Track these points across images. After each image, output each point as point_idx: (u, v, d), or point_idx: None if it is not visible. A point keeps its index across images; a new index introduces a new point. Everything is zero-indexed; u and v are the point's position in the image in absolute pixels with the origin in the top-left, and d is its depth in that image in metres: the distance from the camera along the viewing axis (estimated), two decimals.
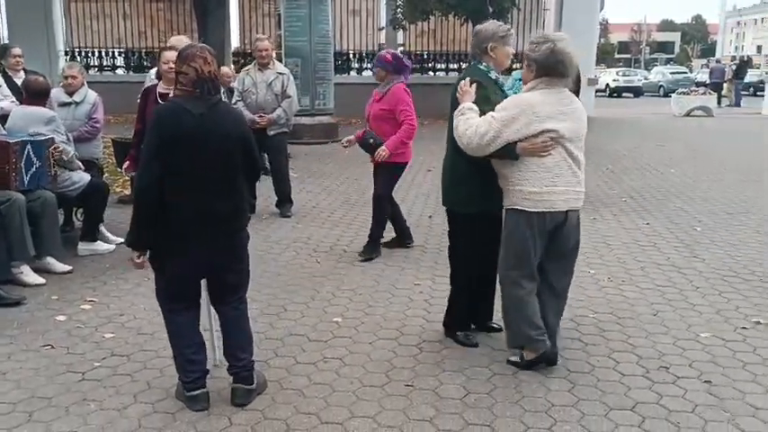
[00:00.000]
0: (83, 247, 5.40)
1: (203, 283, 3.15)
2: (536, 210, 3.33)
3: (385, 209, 5.52)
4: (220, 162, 2.93)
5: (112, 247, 5.53)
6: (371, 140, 5.24)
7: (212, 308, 3.29)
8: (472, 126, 3.34)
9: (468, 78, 3.59)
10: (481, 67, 3.64)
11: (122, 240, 5.62)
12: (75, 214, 5.85)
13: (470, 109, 3.43)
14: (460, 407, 3.14)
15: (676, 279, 4.93)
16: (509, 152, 3.32)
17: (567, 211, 3.36)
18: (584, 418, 3.04)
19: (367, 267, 5.21)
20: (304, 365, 3.55)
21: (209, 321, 3.40)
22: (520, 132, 3.27)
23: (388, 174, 5.44)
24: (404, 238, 5.74)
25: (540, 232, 3.37)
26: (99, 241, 5.51)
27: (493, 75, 3.62)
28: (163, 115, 2.94)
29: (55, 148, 5.02)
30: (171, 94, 4.88)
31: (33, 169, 4.85)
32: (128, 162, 5.46)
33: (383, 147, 5.19)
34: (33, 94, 5.19)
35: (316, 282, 4.89)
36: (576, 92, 3.71)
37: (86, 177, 5.35)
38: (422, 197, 7.76)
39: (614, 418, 3.04)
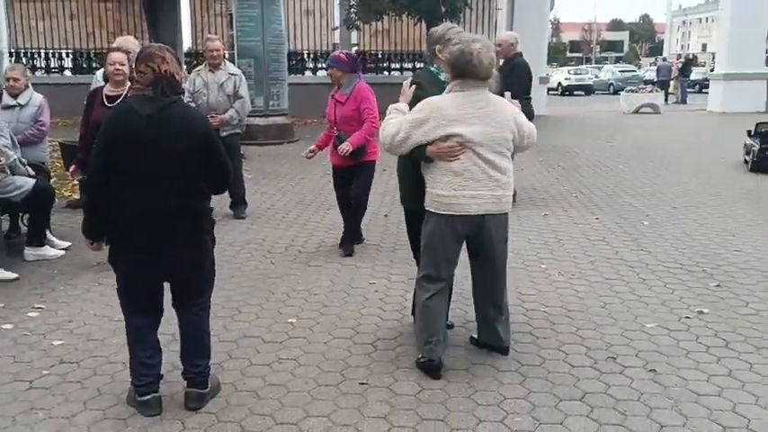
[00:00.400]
0: (29, 252, 5.27)
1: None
2: (445, 213, 3.33)
3: (365, 204, 5.69)
4: (172, 163, 2.87)
5: (61, 252, 5.42)
6: (342, 144, 5.27)
7: None
8: (389, 126, 3.38)
9: (409, 79, 3.65)
10: (432, 68, 3.67)
11: (70, 244, 5.55)
12: (21, 220, 5.70)
13: (396, 109, 3.48)
14: (414, 403, 3.18)
15: (624, 272, 5.06)
16: (421, 154, 3.35)
17: (484, 215, 3.33)
18: (535, 409, 3.11)
19: (322, 268, 5.21)
20: (259, 367, 3.54)
21: None
22: (428, 135, 3.28)
23: (365, 173, 5.51)
24: (356, 238, 5.80)
25: (451, 236, 3.37)
26: (47, 246, 5.38)
27: (442, 76, 3.57)
28: (112, 116, 2.95)
29: None
30: (122, 96, 4.85)
31: None
32: (74, 166, 5.34)
33: (347, 141, 5.21)
34: None
35: (270, 283, 4.87)
36: (519, 91, 3.76)
37: (30, 182, 5.21)
38: (378, 196, 7.77)
39: (564, 408, 3.12)
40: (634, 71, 38.76)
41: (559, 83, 34.02)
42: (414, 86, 3.57)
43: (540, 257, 5.42)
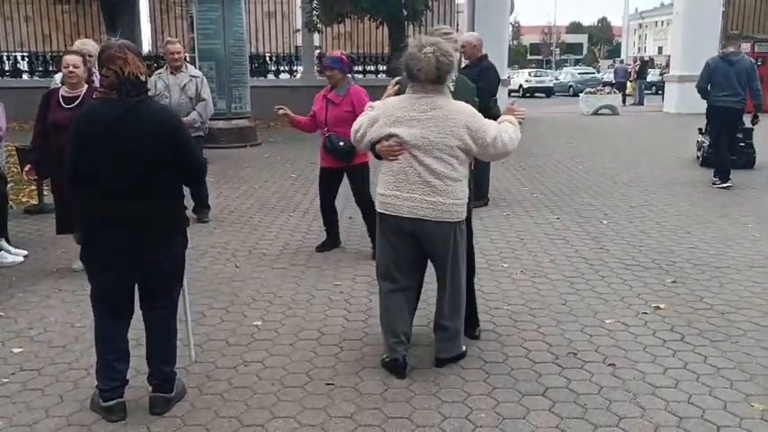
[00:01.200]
0: None
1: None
2: (382, 211, 3.40)
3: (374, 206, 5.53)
4: (141, 164, 2.84)
5: (20, 258, 5.31)
6: (341, 143, 5.17)
7: (187, 302, 3.34)
8: (356, 122, 3.51)
9: (395, 79, 3.67)
10: None
11: (27, 253, 5.45)
12: None
13: (371, 107, 3.53)
14: (380, 402, 3.21)
15: (584, 270, 5.18)
16: (373, 152, 3.45)
17: (421, 219, 3.29)
18: (499, 405, 3.17)
19: (287, 270, 5.22)
20: (224, 370, 3.53)
21: (184, 313, 3.37)
22: (376, 133, 3.37)
23: (361, 175, 5.47)
24: (337, 240, 5.86)
25: (392, 236, 3.40)
26: (3, 252, 5.27)
27: None
28: (78, 118, 2.93)
29: None
30: (79, 98, 4.80)
31: None
32: (29, 166, 5.25)
33: (348, 144, 4.96)
34: None
35: (235, 287, 4.86)
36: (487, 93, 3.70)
37: None
38: (341, 198, 7.80)
39: (526, 403, 3.19)
40: (593, 73, 39.47)
41: (520, 85, 34.45)
42: (397, 86, 3.62)
43: (502, 257, 5.51)
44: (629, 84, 26.04)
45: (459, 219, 3.36)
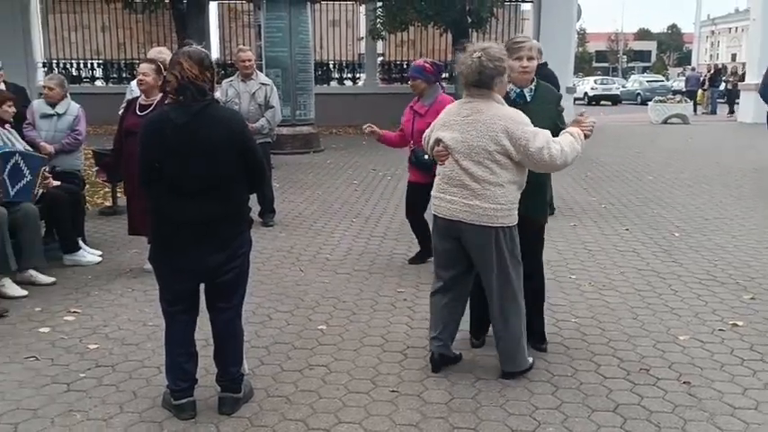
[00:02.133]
0: (66, 257, 5.39)
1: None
2: (432, 212, 3.51)
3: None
4: (208, 166, 2.91)
5: (97, 258, 5.50)
6: (426, 157, 4.73)
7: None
8: (427, 129, 3.63)
9: None
10: None
11: (101, 253, 5.64)
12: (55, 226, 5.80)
13: None
14: (446, 411, 3.18)
15: (656, 284, 5.01)
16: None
17: (460, 221, 3.32)
18: (568, 420, 3.09)
19: (351, 276, 5.24)
20: (290, 373, 3.57)
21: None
22: (431, 138, 3.50)
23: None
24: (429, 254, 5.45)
25: (439, 235, 3.48)
26: (83, 251, 5.48)
27: (509, 87, 3.54)
28: (146, 125, 3.01)
29: (45, 169, 5.06)
30: (152, 106, 4.96)
31: (23, 182, 4.86)
32: (97, 168, 5.45)
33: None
34: None
35: (299, 290, 4.91)
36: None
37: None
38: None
39: (597, 419, 3.09)
40: (662, 81, 38.37)
41: (585, 93, 33.82)
42: None
43: (569, 268, 5.39)
44: (700, 92, 25.18)
45: (500, 224, 3.30)
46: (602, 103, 33.60)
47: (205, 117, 2.91)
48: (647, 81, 37.21)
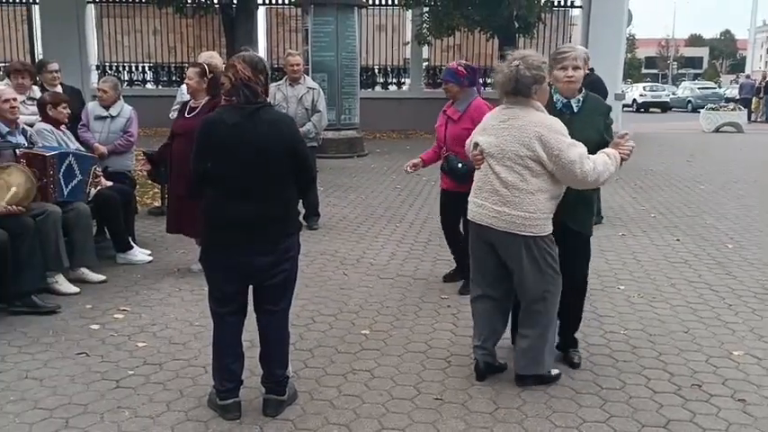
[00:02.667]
0: (120, 256, 5.52)
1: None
2: (467, 217, 3.48)
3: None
4: (259, 168, 2.95)
5: (148, 258, 5.60)
6: (459, 165, 4.58)
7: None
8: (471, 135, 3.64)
9: None
10: (552, 90, 3.55)
11: (149, 253, 5.75)
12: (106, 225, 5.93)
13: None
14: (490, 421, 3.13)
15: (708, 296, 4.87)
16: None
17: (489, 227, 3.31)
18: None
19: (394, 281, 5.22)
20: (333, 377, 3.57)
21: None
22: (471, 142, 3.54)
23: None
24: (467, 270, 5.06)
25: (474, 240, 3.49)
26: (135, 250, 5.59)
27: (556, 97, 3.52)
28: (203, 123, 3.06)
29: (96, 168, 5.19)
30: (198, 108, 5.05)
31: (74, 182, 4.98)
32: (144, 159, 5.54)
33: (466, 167, 4.33)
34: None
35: (343, 294, 4.92)
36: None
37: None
38: None
39: None
40: (714, 88, 37.39)
41: (634, 99, 33.17)
42: None
43: (618, 278, 5.28)
44: (754, 99, 24.45)
45: (529, 233, 3.24)
46: (651, 110, 32.91)
47: (256, 119, 2.95)
48: (699, 88, 36.29)
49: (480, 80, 5.39)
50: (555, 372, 3.52)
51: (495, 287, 3.49)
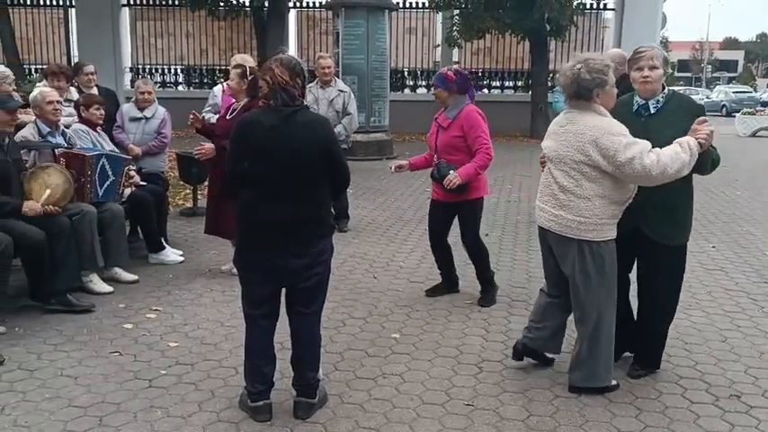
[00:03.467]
0: (153, 256, 5.58)
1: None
2: (536, 218, 3.55)
3: (483, 248, 4.88)
4: (294, 170, 2.96)
5: (180, 258, 5.66)
6: (450, 172, 4.50)
7: None
8: None
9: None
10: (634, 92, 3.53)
11: (181, 253, 5.80)
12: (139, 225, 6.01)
13: None
14: (523, 428, 3.09)
15: (746, 305, 4.75)
16: None
17: (548, 230, 3.37)
18: None
19: (424, 285, 5.19)
20: (363, 380, 3.56)
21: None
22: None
23: (471, 213, 4.77)
24: (452, 284, 5.04)
25: (540, 242, 3.56)
26: (167, 250, 5.65)
27: (635, 99, 3.46)
28: (238, 126, 3.08)
29: (129, 169, 5.25)
30: (235, 109, 5.07)
31: (108, 183, 5.05)
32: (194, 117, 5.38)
33: (455, 173, 4.46)
34: None
35: (373, 297, 4.90)
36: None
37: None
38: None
39: None
40: (750, 92, 36.64)
41: None
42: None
43: None
44: None
45: (583, 237, 3.24)
46: None
47: (293, 121, 2.97)
48: (734, 92, 35.59)
49: (508, 83, 5.32)
50: (614, 383, 3.45)
51: (557, 288, 3.54)
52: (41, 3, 18.89)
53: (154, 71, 19.24)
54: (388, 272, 5.56)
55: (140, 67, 19.15)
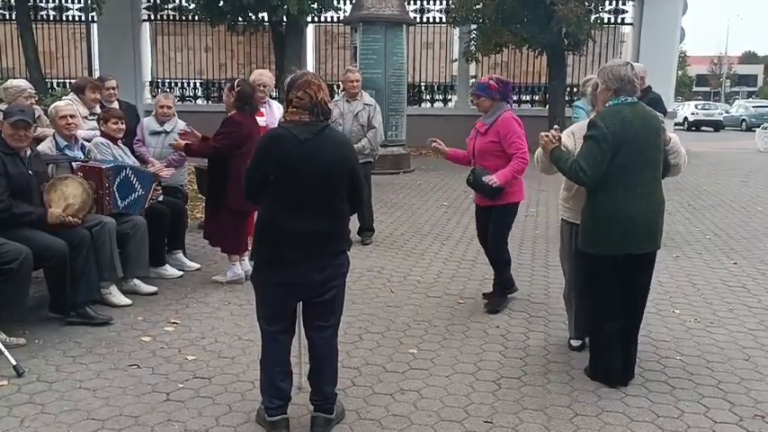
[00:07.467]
0: (152, 270, 5.46)
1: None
2: None
3: (506, 254, 5.04)
4: (321, 186, 2.98)
5: (178, 273, 5.63)
6: (485, 178, 4.66)
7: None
8: None
9: None
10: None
11: (199, 266, 5.82)
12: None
13: None
14: None
15: None
16: None
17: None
18: None
19: (441, 300, 5.17)
20: (381, 396, 3.54)
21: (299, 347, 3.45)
22: None
23: (503, 218, 4.88)
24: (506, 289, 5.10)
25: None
26: (167, 266, 5.64)
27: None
28: (266, 138, 3.09)
29: (158, 184, 5.29)
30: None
31: (134, 196, 5.09)
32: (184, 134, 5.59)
33: (493, 176, 4.62)
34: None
35: (390, 312, 4.88)
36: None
37: None
38: None
39: None
40: None
41: (685, 117, 32.42)
42: None
43: (672, 302, 5.12)
44: None
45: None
46: (703, 128, 32.11)
47: (324, 137, 3.01)
48: (754, 107, 35.25)
49: (525, 98, 5.43)
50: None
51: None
52: (64, 18, 19.18)
53: (173, 85, 19.45)
54: (405, 286, 5.54)
55: (160, 80, 19.37)
